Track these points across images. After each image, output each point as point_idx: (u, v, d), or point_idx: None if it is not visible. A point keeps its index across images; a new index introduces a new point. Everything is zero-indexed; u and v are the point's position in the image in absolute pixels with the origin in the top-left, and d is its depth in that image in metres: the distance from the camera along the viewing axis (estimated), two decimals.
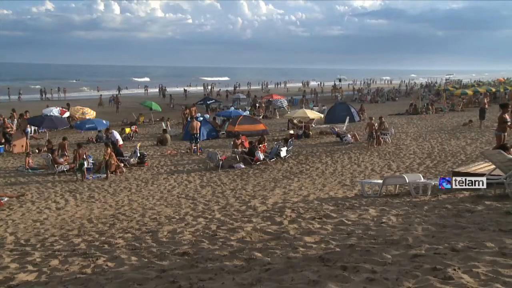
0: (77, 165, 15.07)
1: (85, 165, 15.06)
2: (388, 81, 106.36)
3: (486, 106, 22.78)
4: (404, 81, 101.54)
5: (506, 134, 12.15)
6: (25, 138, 21.27)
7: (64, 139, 18.61)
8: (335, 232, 6.08)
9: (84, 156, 15.43)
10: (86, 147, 20.60)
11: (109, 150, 15.42)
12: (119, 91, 57.14)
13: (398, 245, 4.84)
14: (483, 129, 21.10)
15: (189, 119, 26.35)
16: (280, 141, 18.60)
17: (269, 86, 79.65)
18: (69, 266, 5.41)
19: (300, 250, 5.14)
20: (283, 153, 16.78)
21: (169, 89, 60.32)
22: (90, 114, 27.65)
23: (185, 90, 56.62)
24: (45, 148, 18.56)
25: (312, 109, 32.65)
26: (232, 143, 18.82)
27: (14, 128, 22.00)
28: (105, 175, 15.16)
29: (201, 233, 6.83)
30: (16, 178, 15.42)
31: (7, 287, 4.83)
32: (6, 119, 22.70)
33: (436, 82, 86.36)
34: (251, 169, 15.57)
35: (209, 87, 65.97)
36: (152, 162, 17.50)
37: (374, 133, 18.42)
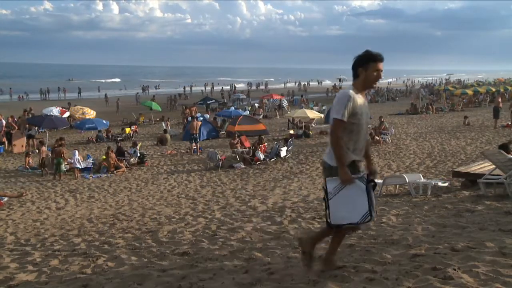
0: (54, 164, 15.11)
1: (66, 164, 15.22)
2: (401, 81, 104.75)
3: (500, 105, 22.76)
4: (409, 79, 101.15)
5: None
6: (24, 138, 21.27)
7: (61, 139, 18.61)
8: None
9: (64, 155, 15.30)
10: (86, 147, 20.60)
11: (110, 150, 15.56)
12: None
13: (398, 245, 4.83)
14: (498, 129, 20.93)
15: (189, 118, 26.39)
16: (280, 141, 18.60)
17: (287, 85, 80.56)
18: (69, 266, 5.41)
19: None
20: (283, 153, 16.78)
21: (171, 89, 61.04)
22: (90, 114, 27.66)
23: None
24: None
25: (312, 109, 32.67)
26: (229, 143, 18.89)
27: (17, 127, 22.01)
28: (105, 174, 15.28)
29: (201, 233, 6.83)
30: (16, 178, 15.42)
31: (7, 287, 4.83)
32: (11, 118, 22.73)
33: (439, 83, 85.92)
34: (251, 169, 15.58)
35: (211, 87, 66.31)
36: (152, 162, 17.51)
37: (374, 133, 18.42)
